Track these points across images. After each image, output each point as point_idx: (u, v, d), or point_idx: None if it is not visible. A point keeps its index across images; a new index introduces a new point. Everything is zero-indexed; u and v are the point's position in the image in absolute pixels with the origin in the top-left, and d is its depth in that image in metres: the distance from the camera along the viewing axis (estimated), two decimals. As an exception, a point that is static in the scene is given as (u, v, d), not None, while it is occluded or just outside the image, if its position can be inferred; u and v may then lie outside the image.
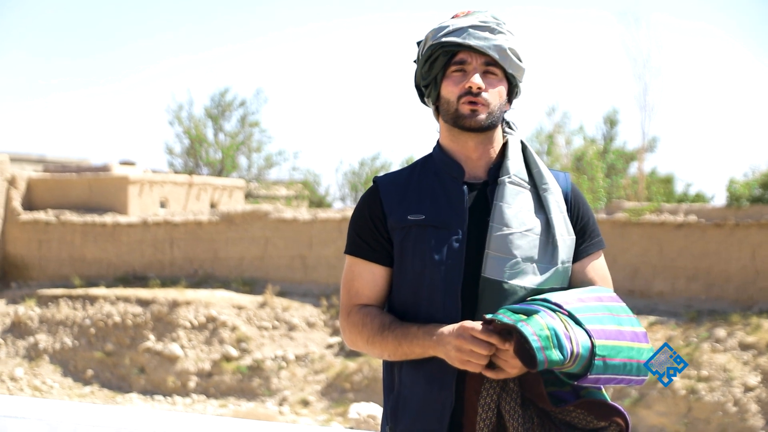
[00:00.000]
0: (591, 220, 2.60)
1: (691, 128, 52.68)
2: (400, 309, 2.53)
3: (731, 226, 18.26)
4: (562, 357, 2.22)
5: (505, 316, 2.28)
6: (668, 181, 28.11)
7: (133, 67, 72.49)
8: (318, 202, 31.68)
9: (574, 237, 2.53)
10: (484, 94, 2.49)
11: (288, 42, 73.54)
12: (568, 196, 2.58)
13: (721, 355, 16.36)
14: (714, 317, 17.47)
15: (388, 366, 2.59)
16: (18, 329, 22.72)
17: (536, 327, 2.23)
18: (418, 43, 2.65)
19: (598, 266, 2.59)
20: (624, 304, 2.47)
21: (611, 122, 29.12)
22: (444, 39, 2.51)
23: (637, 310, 18.22)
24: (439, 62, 2.54)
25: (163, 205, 26.82)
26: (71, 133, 71.57)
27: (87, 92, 74.69)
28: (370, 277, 2.58)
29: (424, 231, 2.50)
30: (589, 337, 2.27)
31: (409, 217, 2.52)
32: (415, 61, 2.65)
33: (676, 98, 50.19)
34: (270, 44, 74.68)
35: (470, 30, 2.50)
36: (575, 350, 2.24)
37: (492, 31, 2.51)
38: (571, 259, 2.52)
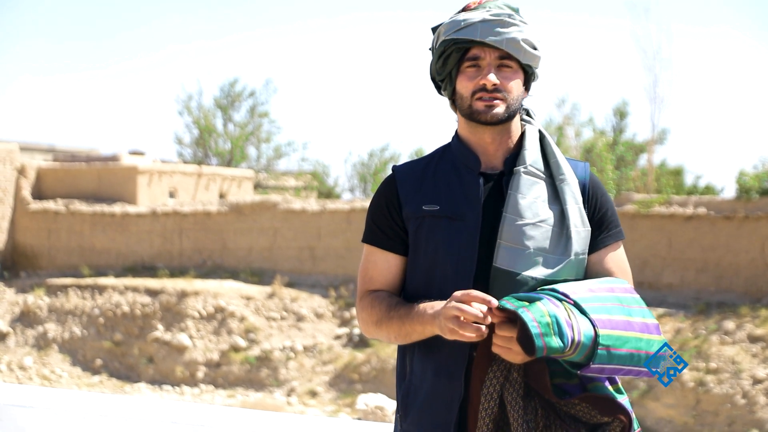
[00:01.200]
0: (609, 211, 2.58)
1: (700, 120, 52.53)
2: (413, 297, 2.54)
3: (740, 218, 18.21)
4: (562, 344, 2.21)
5: (508, 303, 2.27)
6: (678, 173, 28.04)
7: (142, 57, 72.57)
8: (327, 193, 31.68)
9: (590, 228, 2.52)
10: (499, 89, 2.48)
11: (297, 33, 73.53)
12: (586, 187, 2.57)
13: (729, 348, 16.33)
14: (723, 309, 17.43)
15: (401, 354, 2.61)
16: (27, 318, 22.80)
17: (537, 314, 2.22)
18: (434, 30, 2.63)
19: (616, 257, 2.57)
20: (638, 296, 2.45)
21: (621, 114, 29.03)
22: (456, 36, 2.49)
23: (647, 302, 17.81)
24: (453, 58, 2.52)
25: (172, 195, 26.86)
26: (81, 123, 71.72)
27: (97, 82, 74.82)
28: (384, 266, 2.60)
29: (438, 222, 2.50)
30: (593, 326, 2.26)
31: (424, 208, 2.52)
32: (430, 50, 2.64)
33: (686, 90, 50.05)
34: (279, 35, 74.67)
35: (482, 25, 2.48)
36: (576, 338, 2.22)
37: (504, 24, 2.48)
38: (587, 251, 2.51)
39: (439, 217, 2.50)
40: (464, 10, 2.57)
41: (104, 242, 24.85)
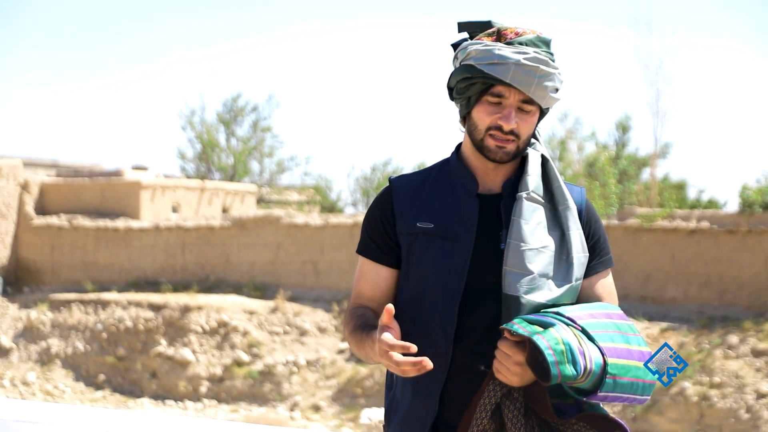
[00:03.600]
0: (602, 238, 2.60)
1: (703, 134, 52.53)
2: (402, 311, 2.55)
3: (744, 232, 18.19)
4: (575, 372, 2.22)
5: (521, 327, 2.28)
6: (681, 187, 28.04)
7: (145, 72, 72.68)
8: (330, 208, 31.72)
9: (588, 254, 2.53)
10: (514, 132, 2.47)
11: (300, 47, 73.67)
12: (582, 213, 2.58)
13: (733, 362, 16.29)
14: (726, 324, 17.40)
15: None
16: (30, 334, 22.79)
17: (552, 341, 2.23)
18: (454, 46, 2.61)
19: (606, 284, 2.59)
20: (631, 323, 2.46)
21: (623, 128, 29.07)
22: (486, 69, 2.45)
23: (649, 317, 18.17)
24: (476, 87, 2.49)
25: (175, 210, 26.88)
26: (84, 138, 71.79)
27: (100, 97, 74.94)
28: (374, 279, 2.62)
29: (431, 240, 2.52)
30: (602, 354, 2.27)
31: (418, 224, 2.53)
32: (453, 60, 2.60)
33: (688, 104, 50.06)
34: (282, 49, 74.80)
35: (515, 68, 2.43)
36: (588, 366, 2.24)
37: (537, 73, 2.44)
38: (582, 277, 2.52)
39: (433, 235, 2.51)
40: (499, 37, 2.52)
41: (107, 257, 24.86)
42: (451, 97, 2.60)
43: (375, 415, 17.21)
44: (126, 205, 25.90)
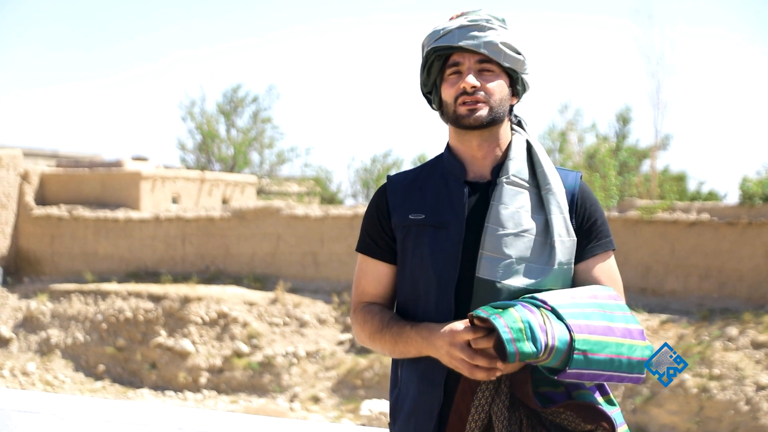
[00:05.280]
0: (599, 221, 2.58)
1: (704, 126, 52.54)
2: (402, 306, 2.57)
3: (744, 224, 18.19)
4: (535, 349, 2.21)
5: (483, 311, 2.28)
6: (681, 179, 28.04)
7: (145, 63, 72.64)
8: (330, 199, 31.73)
9: (575, 238, 2.52)
10: (480, 92, 2.49)
11: (300, 39, 73.62)
12: (575, 196, 2.56)
13: (733, 354, 16.30)
14: (726, 316, 17.41)
15: (394, 363, 2.64)
16: (30, 324, 22.81)
17: (509, 320, 2.23)
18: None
19: (605, 267, 2.56)
20: (622, 303, 2.44)
21: (624, 120, 29.07)
22: (436, 44, 2.53)
23: (649, 308, 18.18)
24: (435, 67, 2.56)
25: (175, 200, 26.88)
26: (84, 129, 71.78)
27: (100, 87, 74.92)
28: (375, 275, 2.63)
29: (423, 230, 2.53)
30: (569, 330, 2.25)
31: (410, 216, 2.55)
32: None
33: (689, 96, 50.07)
34: (282, 41, 74.75)
35: (459, 31, 2.51)
36: (551, 343, 2.22)
37: (481, 28, 2.51)
38: (572, 261, 2.51)
39: (424, 225, 2.53)
40: (447, 22, 2.60)
41: (107, 248, 24.87)
42: (430, 103, 2.66)
43: (375, 406, 17.23)
44: (126, 196, 25.90)
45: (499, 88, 2.51)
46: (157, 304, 21.82)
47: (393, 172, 2.71)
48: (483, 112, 2.49)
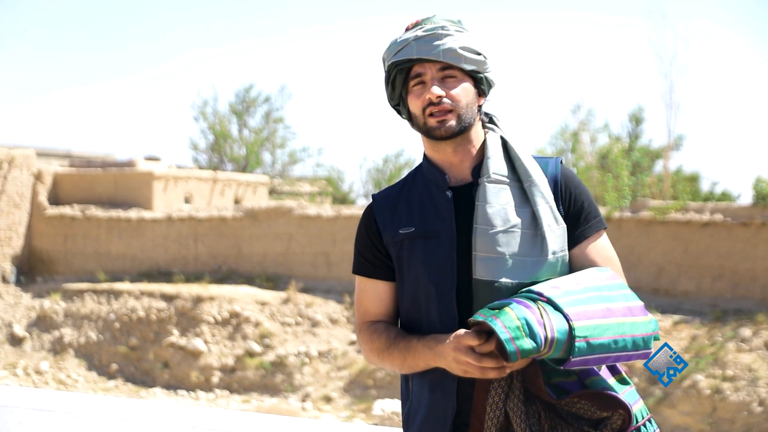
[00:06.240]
0: (586, 203, 2.57)
1: (717, 126, 52.36)
2: (406, 320, 2.58)
3: (757, 225, 18.12)
4: (535, 345, 2.21)
5: (481, 315, 2.29)
6: (694, 179, 27.95)
7: (158, 64, 72.81)
8: (341, 199, 31.74)
9: (564, 225, 2.51)
10: (445, 100, 2.49)
11: (312, 39, 73.68)
12: (558, 183, 2.56)
13: (746, 355, 16.24)
14: (739, 316, 17.35)
15: (404, 376, 2.64)
16: (43, 323, 22.89)
17: (506, 319, 2.23)
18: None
19: (599, 247, 2.55)
20: (621, 281, 2.43)
21: (637, 120, 28.97)
22: (395, 58, 2.53)
23: (662, 309, 18.12)
24: (399, 80, 2.56)
25: (187, 200, 26.94)
26: (97, 129, 72.00)
27: (112, 88, 75.14)
28: (375, 295, 2.63)
29: (415, 242, 2.53)
30: (567, 319, 2.25)
31: (400, 231, 2.56)
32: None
33: (702, 96, 49.88)
34: (294, 41, 74.82)
35: (416, 42, 2.50)
36: (550, 336, 2.22)
37: (438, 37, 2.50)
38: (566, 248, 2.50)
39: (415, 237, 2.53)
40: (404, 33, 2.59)
41: (120, 247, 24.93)
42: (400, 114, 2.65)
43: (387, 406, 17.23)
44: (138, 196, 25.97)
45: (464, 93, 2.51)
46: (169, 303, 21.87)
47: (376, 192, 2.72)
48: (452, 122, 2.49)
